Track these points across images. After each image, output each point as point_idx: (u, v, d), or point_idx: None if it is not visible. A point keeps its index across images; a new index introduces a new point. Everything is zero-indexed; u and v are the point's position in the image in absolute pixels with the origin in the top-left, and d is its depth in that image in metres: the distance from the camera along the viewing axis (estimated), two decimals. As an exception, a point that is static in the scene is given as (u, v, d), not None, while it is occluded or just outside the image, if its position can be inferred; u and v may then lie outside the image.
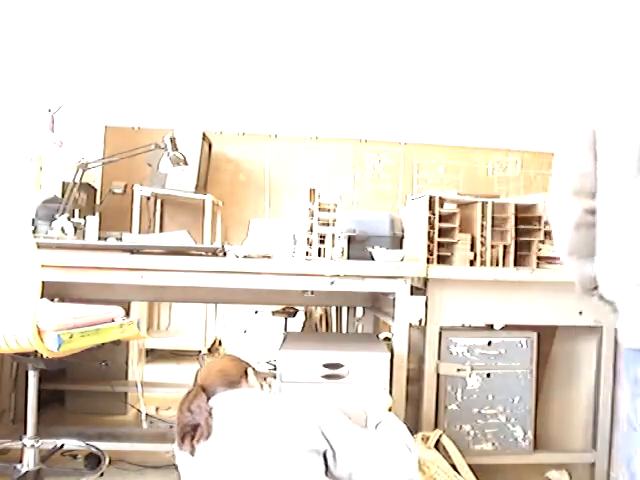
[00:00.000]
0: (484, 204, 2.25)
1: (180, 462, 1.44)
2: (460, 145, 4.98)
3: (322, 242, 2.30)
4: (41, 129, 4.15)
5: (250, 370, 1.60)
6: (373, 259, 2.16)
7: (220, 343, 4.74)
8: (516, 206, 2.27)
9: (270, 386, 1.65)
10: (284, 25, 4.59)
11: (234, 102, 4.80)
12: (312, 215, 2.30)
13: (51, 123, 4.22)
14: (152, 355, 4.26)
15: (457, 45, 4.74)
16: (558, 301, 2.15)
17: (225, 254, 2.03)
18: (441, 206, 2.26)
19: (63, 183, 4.06)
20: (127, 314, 1.92)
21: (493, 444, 2.16)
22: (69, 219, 2.46)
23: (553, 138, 1.41)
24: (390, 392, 2.00)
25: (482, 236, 2.25)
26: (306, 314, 3.94)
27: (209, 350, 4.36)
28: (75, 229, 2.47)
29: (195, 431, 1.36)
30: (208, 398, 1.44)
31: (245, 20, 4.55)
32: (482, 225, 2.25)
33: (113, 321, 1.85)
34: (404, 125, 4.93)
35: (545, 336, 2.38)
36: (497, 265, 2.26)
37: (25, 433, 1.86)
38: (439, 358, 2.12)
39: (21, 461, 1.87)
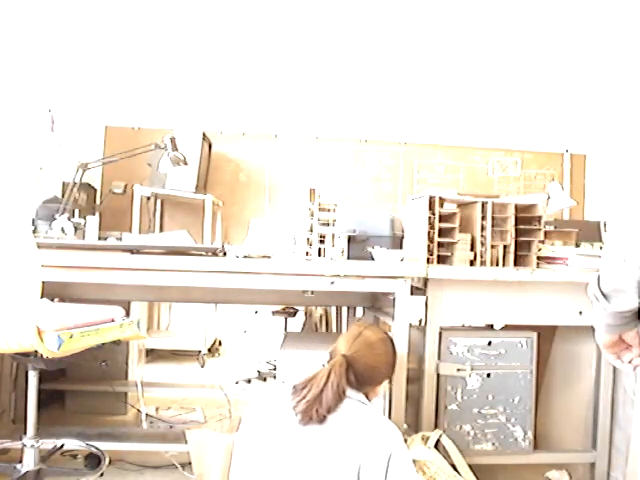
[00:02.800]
0: (484, 204, 2.25)
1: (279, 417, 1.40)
2: (460, 145, 4.98)
3: (322, 242, 2.30)
4: (41, 129, 4.15)
5: (386, 382, 1.53)
6: (373, 259, 2.16)
7: (220, 343, 4.74)
8: (516, 206, 2.27)
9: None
10: (284, 25, 4.59)
11: (234, 102, 4.80)
12: (312, 215, 2.30)
13: (51, 123, 4.22)
14: (152, 355, 4.26)
15: (457, 45, 4.75)
16: (558, 301, 2.15)
17: (225, 254, 2.03)
18: (441, 206, 2.26)
19: (63, 183, 4.06)
20: (127, 314, 1.92)
21: (493, 444, 2.16)
22: (69, 219, 2.46)
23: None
24: (390, 392, 2.00)
25: (482, 236, 2.25)
26: (306, 314, 3.94)
27: (209, 350, 4.36)
28: (75, 229, 2.47)
29: (325, 417, 1.34)
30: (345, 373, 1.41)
31: (245, 20, 4.55)
32: (482, 225, 2.24)
33: (113, 321, 1.85)
34: (404, 125, 4.93)
35: (545, 336, 2.38)
36: (497, 265, 2.26)
37: (25, 433, 1.86)
38: (439, 358, 2.12)
39: (21, 461, 1.87)
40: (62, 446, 2.12)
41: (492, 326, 2.30)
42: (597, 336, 1.08)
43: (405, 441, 1.95)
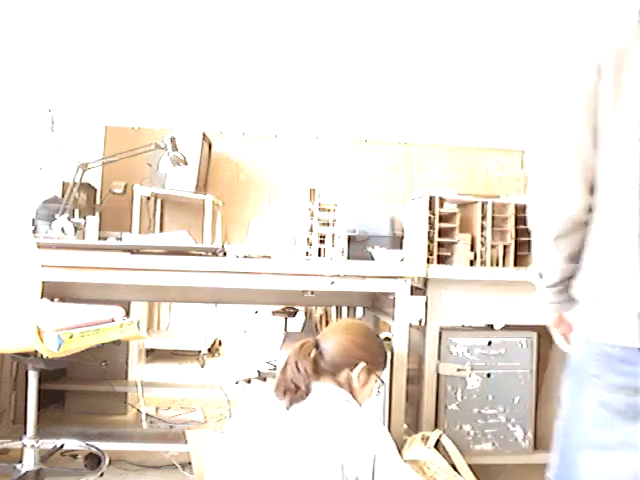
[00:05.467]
0: (484, 204, 2.25)
1: (267, 405, 1.42)
2: (460, 145, 4.98)
3: (322, 242, 2.30)
4: (41, 129, 4.15)
5: (361, 365, 1.49)
6: (373, 259, 2.16)
7: (220, 343, 4.74)
8: (516, 206, 2.27)
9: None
10: (284, 25, 4.59)
11: (234, 102, 4.80)
12: (312, 215, 2.30)
13: (51, 123, 4.23)
14: (152, 355, 4.26)
15: (457, 45, 4.74)
16: (558, 301, 2.15)
17: (225, 254, 2.03)
18: (441, 206, 2.26)
19: (63, 183, 4.07)
20: (127, 314, 1.92)
21: (493, 444, 2.16)
22: (69, 219, 2.46)
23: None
24: (390, 392, 2.00)
25: (482, 236, 2.25)
26: (306, 314, 3.94)
27: (209, 350, 4.36)
28: (75, 229, 2.46)
29: (296, 391, 1.37)
30: (315, 359, 1.43)
31: (245, 20, 4.55)
32: (482, 225, 2.25)
33: (113, 321, 1.85)
34: (404, 125, 4.93)
35: (545, 336, 2.38)
36: (497, 265, 2.26)
37: (25, 433, 1.86)
38: (439, 358, 2.12)
39: (21, 461, 1.87)
40: (62, 446, 2.12)
41: (492, 326, 2.30)
42: (546, 318, 1.20)
43: (405, 441, 1.96)
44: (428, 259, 2.21)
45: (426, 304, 2.11)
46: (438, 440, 2.03)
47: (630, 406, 0.97)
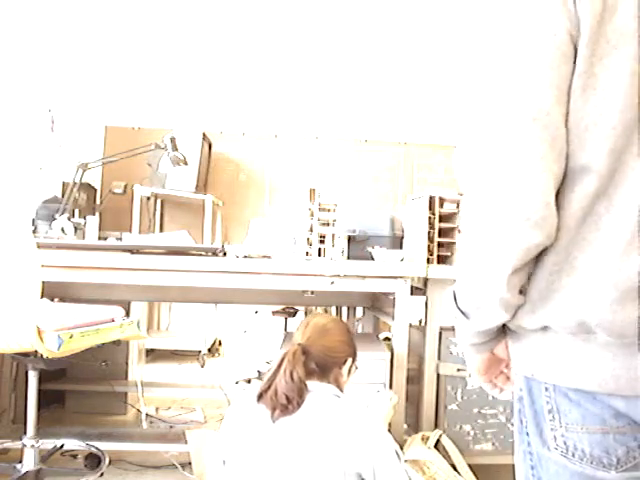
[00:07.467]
0: (484, 204, 2.25)
1: (252, 413, 1.41)
2: (460, 145, 4.98)
3: (322, 242, 2.30)
4: (41, 129, 4.15)
5: (350, 360, 1.52)
6: (373, 259, 2.16)
7: (220, 343, 4.74)
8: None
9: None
10: (284, 25, 4.59)
11: (234, 102, 4.80)
12: (312, 215, 2.30)
13: (51, 123, 4.23)
14: (152, 355, 4.26)
15: (457, 45, 4.74)
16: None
17: (225, 254, 2.03)
18: (441, 206, 2.26)
19: (63, 183, 4.07)
20: (127, 314, 1.92)
21: (493, 444, 2.16)
22: (69, 219, 2.46)
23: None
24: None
25: (482, 236, 2.24)
26: (306, 314, 3.94)
27: (209, 350, 4.36)
28: (75, 229, 2.47)
29: (286, 406, 1.35)
30: (304, 363, 1.42)
31: (245, 20, 4.55)
32: (482, 225, 2.24)
33: (113, 321, 1.85)
34: (404, 125, 4.93)
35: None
36: (497, 265, 2.25)
37: (25, 433, 1.86)
38: (439, 358, 2.12)
39: (21, 461, 1.87)
40: (62, 446, 2.12)
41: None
42: (468, 363, 0.87)
43: (405, 441, 1.96)
44: (428, 259, 2.21)
45: (426, 304, 2.11)
46: (438, 440, 2.04)
47: (600, 447, 0.72)
